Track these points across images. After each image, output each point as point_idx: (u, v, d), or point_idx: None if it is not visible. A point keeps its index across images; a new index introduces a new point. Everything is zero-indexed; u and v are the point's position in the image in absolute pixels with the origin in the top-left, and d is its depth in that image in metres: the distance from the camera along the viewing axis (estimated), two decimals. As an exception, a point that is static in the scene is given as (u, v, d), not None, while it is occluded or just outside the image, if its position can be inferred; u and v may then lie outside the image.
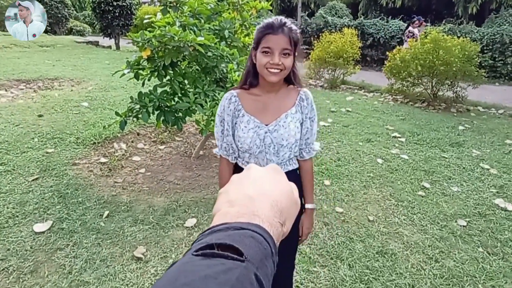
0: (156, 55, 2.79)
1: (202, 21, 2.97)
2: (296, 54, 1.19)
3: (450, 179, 3.47)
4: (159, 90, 2.96)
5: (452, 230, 2.63)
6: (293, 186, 0.44)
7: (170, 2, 2.53)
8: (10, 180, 2.76)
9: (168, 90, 3.00)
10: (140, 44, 2.54)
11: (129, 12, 11.47)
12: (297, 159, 1.41)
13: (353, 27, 10.09)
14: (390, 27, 11.55)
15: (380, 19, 12.08)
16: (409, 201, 3.05)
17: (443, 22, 11.39)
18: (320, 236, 2.49)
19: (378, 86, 7.70)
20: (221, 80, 3.15)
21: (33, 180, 2.80)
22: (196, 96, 2.89)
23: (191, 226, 2.47)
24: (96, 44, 11.14)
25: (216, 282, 0.26)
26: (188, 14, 2.87)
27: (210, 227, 0.35)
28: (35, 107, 4.35)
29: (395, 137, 4.63)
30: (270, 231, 0.34)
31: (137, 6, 12.73)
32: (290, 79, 1.28)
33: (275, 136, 1.24)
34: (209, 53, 2.80)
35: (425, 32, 6.60)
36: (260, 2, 3.33)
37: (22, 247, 2.11)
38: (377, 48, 11.72)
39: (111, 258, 2.11)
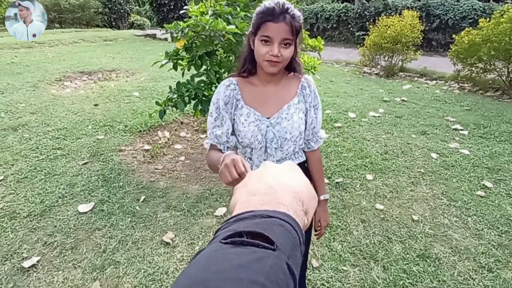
0: (193, 45, 2.82)
1: (238, 9, 2.91)
2: (298, 42, 1.07)
3: (519, 179, 3.01)
4: (196, 79, 2.99)
5: (514, 237, 2.28)
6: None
7: (203, -10, 2.51)
8: (64, 163, 3.04)
9: (205, 79, 3.01)
10: (175, 34, 2.57)
11: (183, 4, 11.88)
12: (304, 151, 1.30)
13: (416, 9, 9.25)
14: (461, 6, 10.33)
15: (449, -2, 10.87)
16: (464, 201, 2.71)
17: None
18: (354, 234, 2.33)
19: (442, 73, 6.97)
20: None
21: (83, 164, 3.04)
22: (231, 85, 2.86)
23: (221, 215, 2.48)
24: (153, 36, 11.74)
25: (250, 271, 0.26)
26: (223, 2, 2.83)
27: (234, 214, 0.34)
28: (92, 97, 4.73)
29: (455, 129, 4.15)
30: (297, 220, 0.34)
31: (191, -1, 13.13)
32: (290, 67, 1.17)
33: (277, 129, 1.14)
34: (245, 41, 2.74)
35: (501, 11, 5.76)
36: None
37: (67, 225, 2.30)
38: (445, 31, 10.60)
39: (142, 241, 2.20)
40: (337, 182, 2.93)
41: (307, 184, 0.41)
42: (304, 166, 1.29)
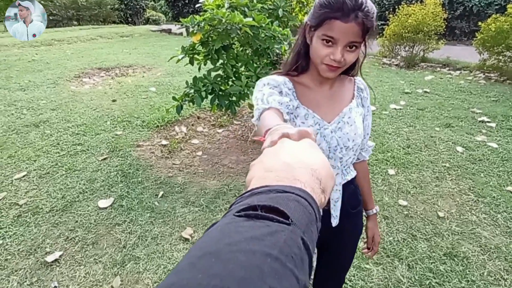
0: (209, 39, 2.77)
1: (255, 1, 2.84)
2: (366, 42, 0.88)
3: (553, 173, 2.84)
4: (213, 74, 2.96)
5: (549, 235, 2.15)
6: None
7: (219, -18, 2.46)
8: (84, 159, 3.07)
9: (222, 73, 2.97)
10: (191, 29, 2.53)
11: (198, -1, 11.83)
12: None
13: (438, -4, 8.87)
14: (487, -8, 9.85)
15: (473, -17, 10.38)
16: (494, 197, 2.58)
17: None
18: (376, 231, 2.25)
19: (467, 63, 6.68)
20: (277, 62, 3.02)
21: (102, 159, 3.07)
22: (248, 79, 2.82)
23: (239, 211, 2.45)
24: (168, 31, 11.73)
25: (263, 244, 0.25)
26: (240, -7, 2.77)
27: (249, 189, 0.34)
28: (110, 93, 4.78)
29: (482, 121, 3.97)
30: (314, 196, 0.33)
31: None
32: (349, 70, 1.00)
33: (339, 136, 0.96)
34: (262, 34, 2.68)
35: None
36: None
37: (88, 220, 2.33)
38: (469, 18, 10.15)
39: (161, 236, 2.20)
40: (357, 177, 2.85)
41: (325, 162, 0.39)
42: (354, 183, 1.13)
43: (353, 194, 1.12)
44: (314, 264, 1.30)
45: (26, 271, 1.92)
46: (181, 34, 11.11)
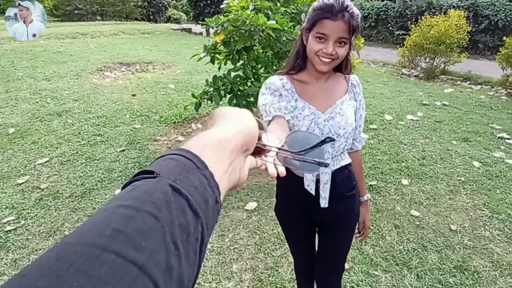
0: (232, 40, 2.83)
1: (278, 4, 2.88)
2: (352, 41, 1.04)
3: None
4: (233, 74, 3.01)
5: None
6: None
7: (245, -15, 2.51)
8: (104, 149, 3.17)
9: (241, 74, 3.02)
10: (215, 28, 2.59)
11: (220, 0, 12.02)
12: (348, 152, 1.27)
13: (463, 8, 8.76)
14: (514, 7, 9.66)
15: (500, -2, 10.19)
16: (509, 214, 2.54)
17: None
18: (387, 239, 2.26)
19: (489, 78, 6.56)
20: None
21: (120, 151, 3.16)
22: (267, 80, 2.86)
23: (252, 209, 2.49)
24: (189, 31, 11.94)
25: (118, 200, 0.26)
26: (264, -4, 2.82)
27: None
28: (130, 87, 4.90)
29: (502, 138, 3.90)
30: (197, 153, 0.33)
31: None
32: (339, 67, 1.15)
33: (331, 124, 1.11)
34: (283, 37, 2.72)
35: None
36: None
37: (104, 208, 2.40)
38: (494, 32, 9.96)
39: (174, 229, 2.26)
40: (370, 185, 2.85)
41: (241, 129, 0.40)
42: (349, 168, 1.27)
43: (348, 178, 1.24)
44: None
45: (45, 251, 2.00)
46: (201, 33, 11.27)
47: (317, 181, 1.17)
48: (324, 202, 1.18)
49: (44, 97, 4.36)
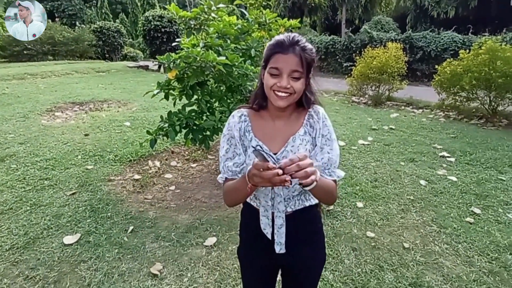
0: (185, 76, 2.89)
1: (229, 41, 3.02)
2: (311, 76, 1.06)
3: (506, 205, 3.05)
4: (188, 109, 3.04)
5: (504, 263, 2.27)
6: None
7: (194, 25, 2.62)
8: (51, 194, 2.98)
9: (196, 108, 3.07)
10: (167, 65, 2.64)
11: (176, 37, 12.28)
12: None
13: (400, 41, 9.68)
14: (442, 39, 10.89)
15: (430, 31, 11.46)
16: (454, 228, 2.72)
17: (504, 31, 10.46)
18: (346, 263, 2.30)
19: (428, 102, 7.21)
20: (249, 98, 3.16)
21: (71, 194, 2.99)
22: (221, 114, 2.92)
23: (211, 245, 2.43)
24: (146, 68, 11.99)
25: None
26: (214, 35, 2.95)
27: None
28: (83, 127, 4.74)
29: (443, 156, 4.23)
30: None
31: (183, 32, 13.62)
32: (301, 101, 1.11)
33: None
34: (235, 72, 2.83)
35: (479, 43, 6.08)
36: (288, 20, 3.33)
37: (51, 258, 2.23)
38: (428, 61, 11.07)
39: (128, 273, 2.13)
40: (328, 210, 2.92)
41: None
42: (316, 211, 1.18)
43: (309, 222, 1.16)
44: None
45: (-21, 315, 1.79)
46: (158, 70, 11.33)
47: (274, 225, 1.11)
48: (279, 248, 1.11)
49: (-15, 142, 4.07)
